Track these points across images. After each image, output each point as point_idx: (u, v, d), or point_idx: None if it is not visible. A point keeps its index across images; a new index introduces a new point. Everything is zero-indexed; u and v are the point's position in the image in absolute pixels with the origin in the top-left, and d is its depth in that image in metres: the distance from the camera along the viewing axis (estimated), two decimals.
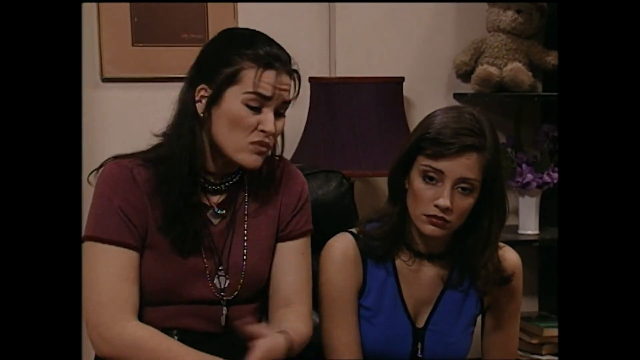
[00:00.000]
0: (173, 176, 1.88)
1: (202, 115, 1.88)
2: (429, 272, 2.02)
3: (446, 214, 1.90)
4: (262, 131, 1.87)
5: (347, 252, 2.01)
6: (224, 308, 1.95)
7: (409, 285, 2.01)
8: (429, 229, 1.92)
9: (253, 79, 1.85)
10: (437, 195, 1.90)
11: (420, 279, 2.01)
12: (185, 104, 1.90)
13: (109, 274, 1.84)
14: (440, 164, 1.90)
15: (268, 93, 1.86)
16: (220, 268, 1.95)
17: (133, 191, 1.88)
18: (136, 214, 1.87)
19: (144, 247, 1.89)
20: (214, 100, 1.87)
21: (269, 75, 1.86)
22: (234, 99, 1.86)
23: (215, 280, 1.94)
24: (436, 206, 1.90)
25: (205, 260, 1.93)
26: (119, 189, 1.88)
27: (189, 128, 1.89)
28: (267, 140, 1.89)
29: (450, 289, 2.02)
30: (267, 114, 1.88)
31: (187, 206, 1.89)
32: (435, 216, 1.91)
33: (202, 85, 1.88)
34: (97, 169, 1.93)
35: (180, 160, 1.88)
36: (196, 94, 1.89)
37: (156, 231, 1.89)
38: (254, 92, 1.86)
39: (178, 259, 1.90)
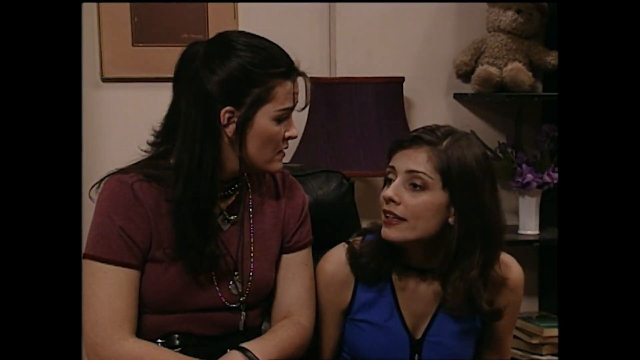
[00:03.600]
0: (191, 200, 1.84)
1: (232, 136, 1.84)
2: (426, 288, 1.98)
3: (393, 208, 1.86)
4: (289, 138, 1.89)
5: (337, 271, 1.99)
6: (243, 313, 1.95)
7: (407, 299, 1.99)
8: (385, 231, 1.89)
9: (289, 93, 1.85)
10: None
11: (417, 294, 1.99)
12: (205, 127, 1.83)
13: (107, 294, 1.83)
14: (393, 160, 1.90)
15: (294, 104, 1.88)
16: (236, 273, 1.94)
17: (135, 208, 1.85)
18: (138, 231, 1.85)
19: (147, 260, 1.87)
20: (247, 121, 1.83)
21: (295, 86, 1.88)
22: (265, 117, 1.84)
23: (231, 286, 1.94)
24: (384, 199, 1.88)
25: (215, 268, 1.91)
26: (120, 207, 1.85)
27: (212, 151, 1.84)
28: (287, 144, 1.92)
29: (444, 307, 1.98)
30: (290, 121, 1.89)
31: (203, 232, 1.86)
32: (385, 212, 1.88)
33: (228, 108, 1.82)
34: (98, 184, 1.90)
35: (202, 182, 1.83)
36: (222, 117, 1.83)
37: (160, 244, 1.87)
38: (287, 108, 1.86)
39: (185, 270, 1.88)
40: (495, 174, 1.94)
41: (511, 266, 2.02)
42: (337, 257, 2.01)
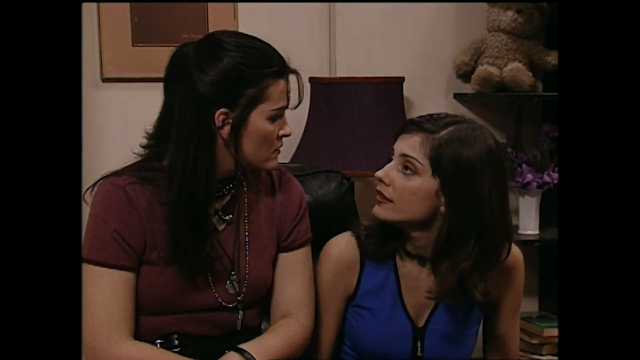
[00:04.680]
0: (186, 203, 1.83)
1: (227, 138, 1.84)
2: (428, 277, 1.99)
3: (383, 189, 1.91)
4: (283, 136, 1.89)
5: (343, 253, 2.01)
6: (240, 312, 1.95)
7: (409, 286, 2.00)
8: (375, 209, 1.94)
9: (282, 93, 1.85)
10: None
11: (419, 282, 2.00)
12: (200, 129, 1.82)
13: (103, 297, 1.83)
14: (396, 142, 1.93)
15: (287, 103, 1.88)
16: (232, 273, 1.94)
17: (128, 211, 1.85)
18: (132, 233, 1.85)
19: (142, 262, 1.87)
20: (242, 122, 1.83)
21: (288, 85, 1.88)
22: (259, 117, 1.84)
23: (228, 285, 1.93)
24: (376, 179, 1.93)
25: (211, 269, 1.91)
26: (113, 210, 1.85)
27: (208, 153, 1.83)
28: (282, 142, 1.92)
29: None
30: (284, 119, 1.89)
31: (198, 235, 1.86)
32: (377, 192, 1.93)
33: (222, 110, 1.82)
34: (92, 187, 1.90)
35: (198, 185, 1.83)
36: (216, 119, 1.82)
37: (154, 246, 1.87)
38: (280, 108, 1.86)
39: (181, 272, 1.88)
40: (503, 169, 1.94)
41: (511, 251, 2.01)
42: (343, 241, 2.02)
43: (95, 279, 1.84)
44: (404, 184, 1.90)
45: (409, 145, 1.89)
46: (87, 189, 1.90)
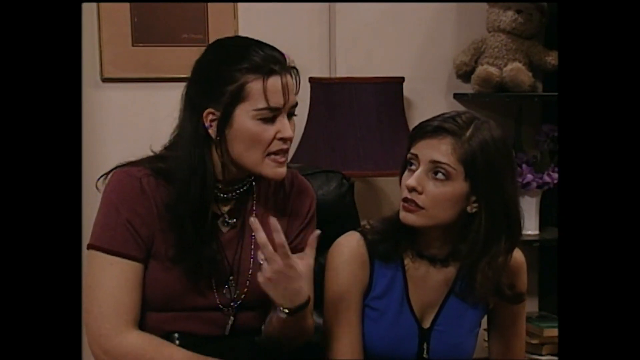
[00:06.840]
0: (184, 204, 1.84)
1: (215, 138, 1.84)
2: (436, 276, 2.00)
3: (415, 197, 1.88)
4: (281, 139, 1.85)
5: (355, 251, 1.98)
6: (231, 317, 1.94)
7: (416, 287, 2.00)
8: (402, 215, 1.91)
9: (261, 92, 1.80)
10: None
11: (427, 282, 2.00)
12: (193, 130, 1.84)
13: (112, 286, 1.83)
14: (415, 148, 1.90)
15: (279, 104, 1.83)
16: (230, 278, 1.94)
17: (142, 202, 1.86)
18: (143, 225, 1.86)
19: (149, 256, 1.88)
20: (225, 122, 1.82)
21: (275, 83, 1.82)
22: (245, 116, 1.82)
23: (225, 290, 1.93)
24: (406, 187, 1.90)
25: (213, 270, 1.91)
26: (127, 200, 1.85)
27: (199, 155, 1.84)
28: (285, 146, 1.87)
29: (454, 295, 2.02)
30: (283, 121, 1.85)
31: (200, 236, 1.86)
32: (406, 199, 1.90)
33: (209, 110, 1.83)
34: (106, 175, 1.91)
35: (192, 187, 1.84)
36: (204, 119, 1.83)
37: (163, 241, 1.87)
38: (266, 108, 1.82)
39: (185, 269, 1.88)
40: (514, 158, 1.98)
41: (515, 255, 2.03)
42: (353, 241, 1.99)
43: (104, 267, 1.84)
44: (437, 191, 1.88)
45: (439, 151, 1.87)
46: (101, 177, 1.91)
